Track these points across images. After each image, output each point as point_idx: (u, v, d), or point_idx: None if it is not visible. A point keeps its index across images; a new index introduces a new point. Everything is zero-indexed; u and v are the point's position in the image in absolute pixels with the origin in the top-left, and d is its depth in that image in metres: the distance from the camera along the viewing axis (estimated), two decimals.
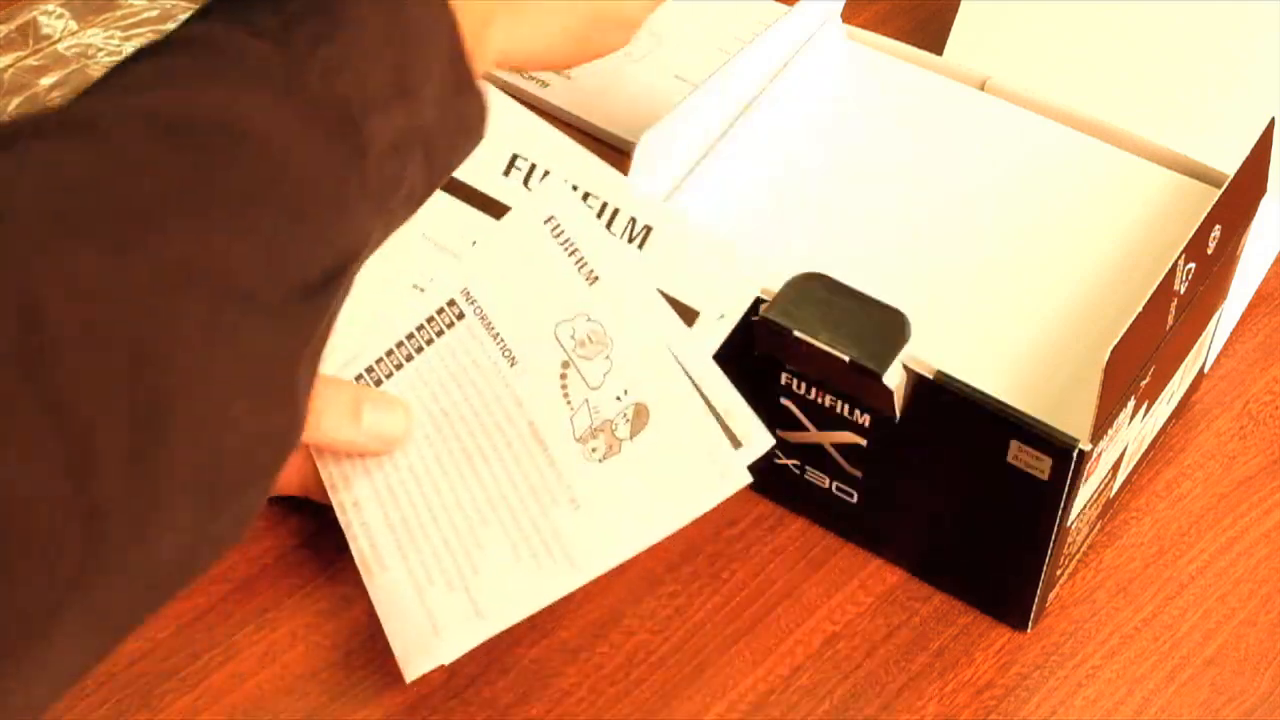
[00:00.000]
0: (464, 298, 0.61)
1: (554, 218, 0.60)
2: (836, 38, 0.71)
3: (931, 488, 0.60)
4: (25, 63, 0.85)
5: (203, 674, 0.59)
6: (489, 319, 0.60)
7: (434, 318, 0.62)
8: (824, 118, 0.68)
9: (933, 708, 0.59)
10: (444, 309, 0.62)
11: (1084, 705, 0.60)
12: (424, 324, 0.62)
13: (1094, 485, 0.59)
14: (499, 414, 0.59)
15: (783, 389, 0.61)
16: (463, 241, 0.63)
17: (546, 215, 0.60)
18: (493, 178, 0.63)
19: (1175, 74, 0.77)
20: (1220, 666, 0.61)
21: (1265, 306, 0.74)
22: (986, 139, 0.67)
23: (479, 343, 0.60)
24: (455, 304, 0.61)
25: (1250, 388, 0.70)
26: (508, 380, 0.60)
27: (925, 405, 0.57)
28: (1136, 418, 0.60)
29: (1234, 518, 0.66)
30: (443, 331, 0.61)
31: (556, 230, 0.60)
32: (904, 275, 0.62)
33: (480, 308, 0.61)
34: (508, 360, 0.60)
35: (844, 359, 0.57)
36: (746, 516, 0.65)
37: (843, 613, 0.62)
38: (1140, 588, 0.63)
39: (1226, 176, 0.60)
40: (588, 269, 0.58)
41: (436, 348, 0.62)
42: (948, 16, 0.82)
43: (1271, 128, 0.61)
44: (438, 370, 0.61)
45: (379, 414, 0.60)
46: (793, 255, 0.62)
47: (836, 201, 0.65)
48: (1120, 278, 0.62)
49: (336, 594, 0.62)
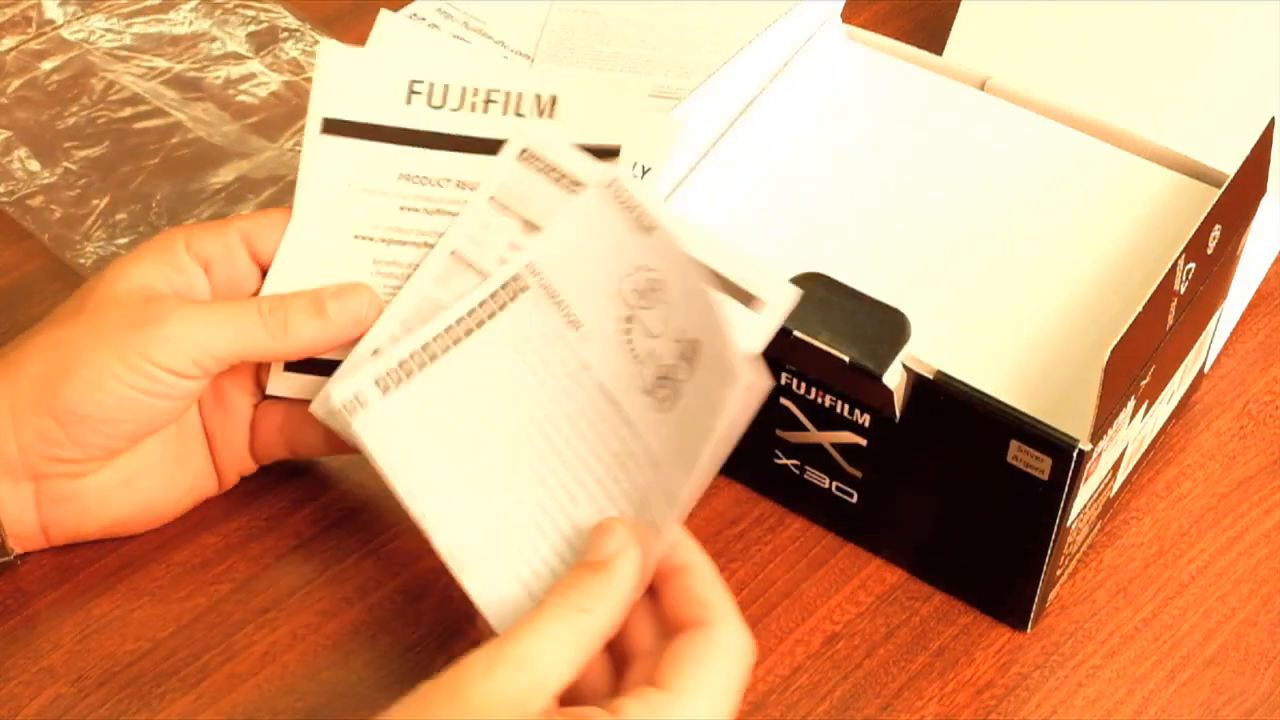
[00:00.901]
0: (529, 271, 0.59)
1: (617, 180, 0.58)
2: (836, 38, 0.71)
3: (931, 488, 0.60)
4: (28, 46, 0.85)
5: (203, 674, 0.59)
6: (554, 289, 0.59)
7: (498, 292, 0.60)
8: (824, 118, 0.68)
9: (933, 708, 0.59)
10: (508, 283, 0.60)
11: (1084, 705, 0.60)
12: (487, 299, 0.60)
13: (1094, 485, 0.59)
14: (567, 381, 0.57)
15: (783, 389, 0.61)
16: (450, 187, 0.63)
17: (609, 180, 0.58)
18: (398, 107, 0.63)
19: (1175, 74, 0.77)
20: (1220, 666, 0.61)
21: (1265, 306, 0.74)
22: (986, 139, 0.67)
23: (542, 313, 0.59)
24: (520, 278, 0.59)
25: (1250, 388, 0.71)
26: (573, 346, 0.58)
27: (925, 405, 0.58)
28: (1136, 418, 0.60)
29: (1234, 518, 0.66)
30: (506, 305, 0.59)
31: (619, 194, 0.58)
32: (904, 275, 0.62)
33: (545, 279, 0.59)
34: (571, 326, 0.58)
35: (844, 359, 0.57)
36: (746, 516, 0.65)
37: (843, 613, 0.62)
38: (1140, 588, 0.63)
39: (1226, 176, 0.60)
40: (647, 221, 0.56)
41: (497, 323, 0.59)
42: (948, 16, 0.82)
43: (1271, 128, 0.61)
44: (501, 346, 0.59)
45: (343, 300, 0.60)
46: (793, 255, 0.62)
47: (836, 201, 0.65)
48: (1120, 278, 0.62)
49: (336, 594, 0.62)
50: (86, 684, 0.59)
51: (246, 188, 0.78)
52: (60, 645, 0.60)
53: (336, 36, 0.86)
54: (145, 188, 0.77)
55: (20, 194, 0.77)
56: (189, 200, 0.77)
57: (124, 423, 0.58)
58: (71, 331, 0.58)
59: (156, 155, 0.79)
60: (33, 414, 0.57)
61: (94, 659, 0.59)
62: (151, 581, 0.62)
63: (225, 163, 0.79)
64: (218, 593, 0.62)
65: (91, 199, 0.77)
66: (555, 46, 0.86)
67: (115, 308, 0.58)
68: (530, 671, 0.49)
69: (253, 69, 0.85)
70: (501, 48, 0.86)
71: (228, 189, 0.77)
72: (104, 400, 0.57)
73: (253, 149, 0.80)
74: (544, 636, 0.50)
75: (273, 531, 0.64)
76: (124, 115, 0.81)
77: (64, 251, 0.74)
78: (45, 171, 0.78)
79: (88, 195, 0.77)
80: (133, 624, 0.61)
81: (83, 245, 0.75)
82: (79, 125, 0.81)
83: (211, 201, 0.77)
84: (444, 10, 0.88)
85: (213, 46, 0.86)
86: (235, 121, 0.81)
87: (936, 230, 0.64)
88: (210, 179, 0.78)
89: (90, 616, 0.61)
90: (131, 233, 0.75)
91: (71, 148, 0.80)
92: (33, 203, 0.77)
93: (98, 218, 0.76)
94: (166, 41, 0.86)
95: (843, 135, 0.67)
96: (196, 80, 0.84)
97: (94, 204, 0.77)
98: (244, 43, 0.86)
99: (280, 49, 0.86)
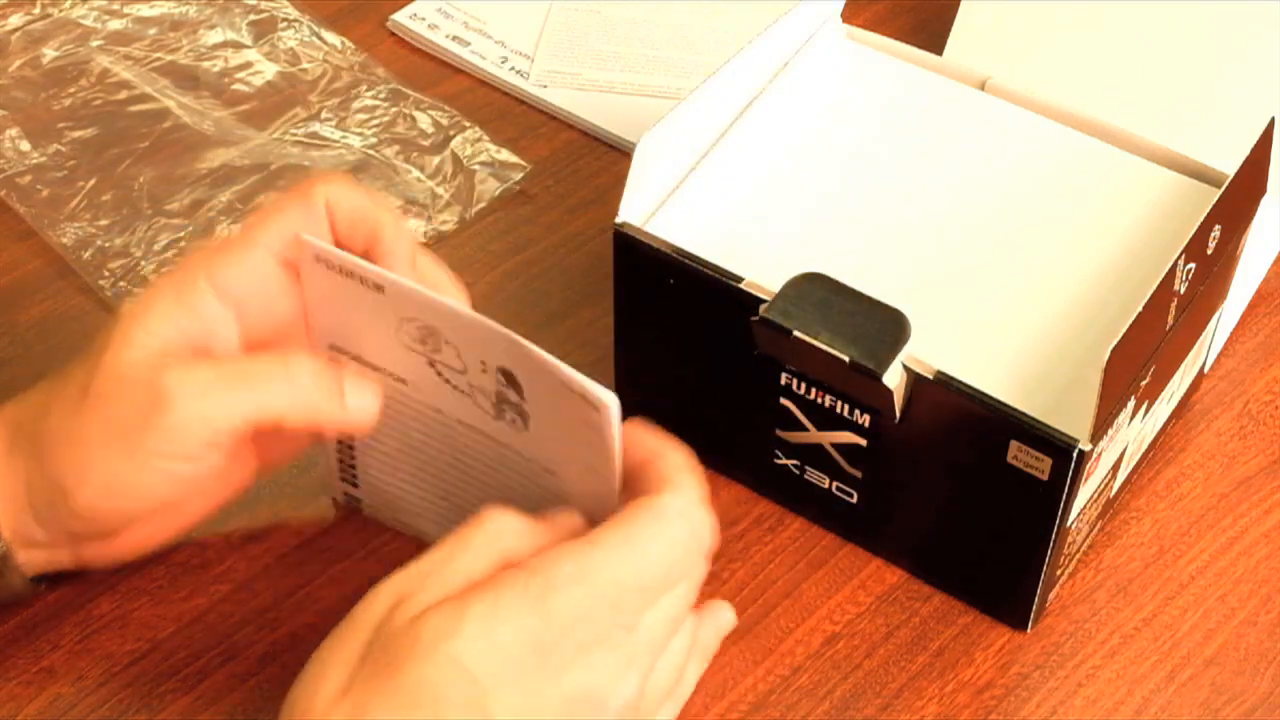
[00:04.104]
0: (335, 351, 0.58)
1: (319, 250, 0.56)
2: (836, 38, 0.71)
3: (931, 488, 0.60)
4: (32, 27, 0.85)
5: (203, 674, 0.59)
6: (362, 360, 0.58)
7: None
8: (824, 117, 0.68)
9: (933, 708, 0.59)
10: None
11: (1084, 705, 0.60)
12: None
13: (1094, 485, 0.59)
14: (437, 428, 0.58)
15: (783, 389, 0.61)
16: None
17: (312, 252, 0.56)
18: None
19: (1175, 74, 0.77)
20: (1220, 666, 0.61)
21: (1265, 306, 0.74)
22: (986, 139, 0.67)
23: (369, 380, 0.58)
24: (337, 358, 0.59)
25: (1250, 388, 0.71)
26: (408, 396, 0.58)
27: (925, 405, 0.58)
28: (1136, 418, 0.60)
29: (1234, 518, 0.66)
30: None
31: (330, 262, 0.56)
32: (904, 275, 0.62)
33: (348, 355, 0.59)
34: (399, 382, 0.58)
35: (844, 359, 0.57)
36: (746, 516, 0.65)
37: (843, 613, 0.62)
38: (1140, 588, 0.63)
39: (1226, 176, 0.60)
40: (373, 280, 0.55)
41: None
42: (948, 16, 0.82)
43: (1271, 128, 0.61)
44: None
45: (360, 394, 0.57)
46: (793, 255, 0.62)
47: (836, 201, 0.65)
48: (1120, 278, 0.62)
49: (336, 594, 0.62)
50: (86, 684, 0.59)
51: (231, 174, 0.78)
52: (60, 645, 0.60)
53: (337, 34, 0.86)
54: (132, 170, 0.78)
55: (9, 173, 0.78)
56: (173, 185, 0.77)
57: (151, 505, 0.56)
58: (80, 426, 0.55)
59: (146, 139, 0.80)
60: (51, 513, 0.55)
61: (94, 659, 0.59)
62: (151, 581, 0.62)
63: (212, 149, 0.79)
64: (218, 593, 0.62)
65: (79, 180, 0.77)
66: (555, 46, 0.86)
67: (122, 397, 0.54)
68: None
69: (250, 57, 0.85)
70: (501, 47, 0.86)
71: (213, 174, 0.78)
72: (122, 503, 0.55)
73: (241, 137, 0.80)
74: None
75: (273, 531, 0.64)
76: (119, 99, 0.82)
77: (46, 230, 0.75)
78: (35, 152, 0.79)
79: (75, 176, 0.78)
80: (133, 624, 0.61)
81: (65, 225, 0.75)
82: (74, 107, 0.81)
83: (195, 187, 0.77)
84: (444, 10, 0.88)
85: (213, 33, 0.86)
86: (226, 109, 0.82)
87: (936, 230, 0.64)
88: (196, 164, 0.78)
89: (90, 616, 0.61)
90: (114, 214, 0.76)
91: (64, 129, 0.80)
92: (21, 181, 0.77)
93: (83, 198, 0.77)
94: (168, 26, 0.86)
95: (843, 135, 0.67)
96: (193, 67, 0.84)
97: (80, 185, 0.77)
98: (244, 31, 0.86)
99: (278, 38, 0.86)
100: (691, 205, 0.64)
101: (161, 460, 0.54)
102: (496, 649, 0.48)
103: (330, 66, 0.85)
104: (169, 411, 0.53)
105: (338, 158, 0.79)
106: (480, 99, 0.84)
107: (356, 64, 0.85)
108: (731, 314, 0.59)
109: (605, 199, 0.78)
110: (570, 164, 0.80)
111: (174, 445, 0.54)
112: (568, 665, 0.49)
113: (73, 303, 0.72)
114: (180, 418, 0.54)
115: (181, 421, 0.54)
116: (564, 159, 0.81)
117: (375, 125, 0.81)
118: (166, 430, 0.54)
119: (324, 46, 0.86)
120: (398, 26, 0.87)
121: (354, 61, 0.85)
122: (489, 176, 0.79)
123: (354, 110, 0.82)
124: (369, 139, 0.81)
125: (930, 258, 0.63)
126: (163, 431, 0.54)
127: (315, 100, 0.83)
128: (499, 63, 0.85)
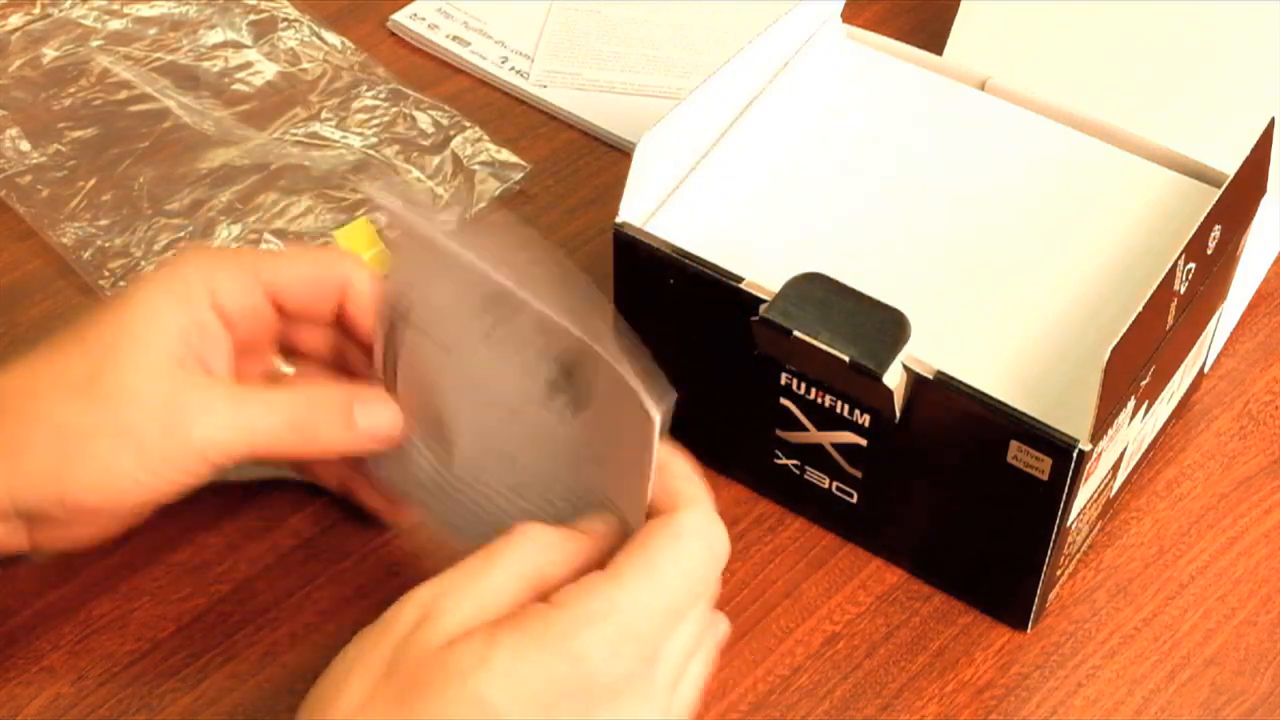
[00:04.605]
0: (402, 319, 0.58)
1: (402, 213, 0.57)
2: (836, 38, 0.71)
3: (931, 488, 0.60)
4: (32, 27, 0.85)
5: (203, 674, 0.59)
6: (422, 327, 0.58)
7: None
8: (824, 118, 0.68)
9: (933, 708, 0.59)
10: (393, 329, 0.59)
11: (1084, 705, 0.60)
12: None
13: (1094, 485, 0.59)
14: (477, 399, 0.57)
15: (783, 389, 0.61)
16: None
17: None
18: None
19: (1175, 74, 0.77)
20: (1220, 666, 0.61)
21: (1265, 306, 0.74)
22: (986, 139, 0.67)
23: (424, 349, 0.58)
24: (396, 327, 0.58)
25: (1250, 388, 0.71)
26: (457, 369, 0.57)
27: (925, 405, 0.58)
28: (1136, 418, 0.60)
29: (1234, 518, 0.66)
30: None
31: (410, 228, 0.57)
32: (904, 275, 0.62)
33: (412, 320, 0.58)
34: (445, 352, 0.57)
35: (844, 359, 0.57)
36: (746, 516, 0.65)
37: (843, 613, 0.62)
38: (1140, 588, 0.63)
39: (1226, 176, 0.60)
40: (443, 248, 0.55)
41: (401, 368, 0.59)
42: (948, 16, 0.82)
43: (1271, 128, 0.61)
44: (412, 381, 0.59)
45: (372, 412, 0.58)
46: (792, 255, 0.62)
47: (836, 201, 0.65)
48: (1120, 278, 0.62)
49: (336, 594, 0.62)
50: (86, 684, 0.59)
51: (231, 174, 0.78)
52: (60, 645, 0.60)
53: (337, 34, 0.86)
54: (132, 170, 0.78)
55: (9, 173, 0.78)
56: (173, 184, 0.77)
57: (137, 505, 0.56)
58: (85, 420, 0.55)
59: (146, 139, 0.80)
60: (34, 499, 0.55)
61: (94, 659, 0.59)
62: (151, 581, 0.62)
63: (212, 149, 0.79)
64: (218, 593, 0.62)
65: (79, 180, 0.77)
66: (555, 46, 0.86)
67: (135, 402, 0.55)
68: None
69: (250, 57, 0.85)
70: (501, 47, 0.86)
71: (213, 174, 0.78)
72: (120, 499, 0.55)
73: (241, 137, 0.80)
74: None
75: (273, 531, 0.64)
76: (119, 99, 0.82)
77: (46, 230, 0.75)
78: (35, 152, 0.79)
79: (75, 176, 0.78)
80: (133, 624, 0.61)
81: (65, 225, 0.75)
82: (74, 107, 0.81)
83: (195, 187, 0.77)
84: (444, 10, 0.88)
85: (213, 33, 0.86)
86: (226, 109, 0.82)
87: (936, 230, 0.64)
88: (196, 164, 0.78)
89: (90, 616, 0.61)
90: (114, 214, 0.76)
91: (64, 129, 0.80)
92: (21, 181, 0.77)
93: (83, 198, 0.77)
94: (168, 26, 0.86)
95: (843, 135, 0.67)
96: (193, 67, 0.84)
97: (80, 185, 0.77)
98: (244, 31, 0.86)
99: (278, 38, 0.86)
100: (691, 205, 0.64)
101: (172, 472, 0.55)
102: (523, 689, 0.48)
103: (330, 66, 0.85)
104: (191, 427, 0.55)
105: (338, 158, 0.79)
106: (480, 99, 0.84)
107: (356, 64, 0.85)
108: (731, 314, 0.59)
109: (605, 199, 0.78)
110: (570, 164, 0.80)
111: (188, 462, 0.55)
112: (592, 708, 0.49)
113: (73, 303, 0.72)
114: (200, 435, 0.55)
115: (200, 439, 0.55)
116: (564, 159, 0.81)
117: (375, 125, 0.81)
118: (183, 446, 0.55)
119: (324, 46, 0.86)
120: (398, 26, 0.88)
121: (354, 61, 0.85)
122: (489, 176, 0.79)
123: (354, 110, 0.82)
124: (369, 139, 0.81)
125: (930, 258, 0.63)
126: (180, 446, 0.55)
127: (315, 100, 0.83)
128: (499, 63, 0.85)
